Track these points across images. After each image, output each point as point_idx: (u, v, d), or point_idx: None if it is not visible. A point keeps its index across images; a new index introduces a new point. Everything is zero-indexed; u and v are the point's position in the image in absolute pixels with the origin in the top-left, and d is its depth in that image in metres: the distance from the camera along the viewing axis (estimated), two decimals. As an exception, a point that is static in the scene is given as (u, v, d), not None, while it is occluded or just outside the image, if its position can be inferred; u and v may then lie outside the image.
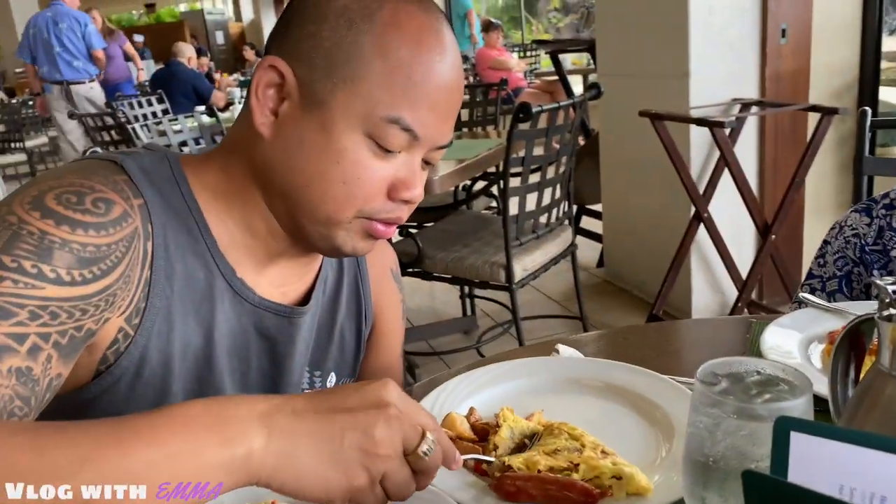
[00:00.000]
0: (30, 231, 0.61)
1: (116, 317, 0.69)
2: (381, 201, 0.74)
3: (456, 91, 0.74)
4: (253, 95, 0.73)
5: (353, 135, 0.71)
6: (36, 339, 0.59)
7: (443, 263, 2.50)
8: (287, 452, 0.54)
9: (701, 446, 0.51)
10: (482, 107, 3.93)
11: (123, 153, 0.75)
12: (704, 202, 2.82)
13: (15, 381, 0.57)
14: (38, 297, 0.60)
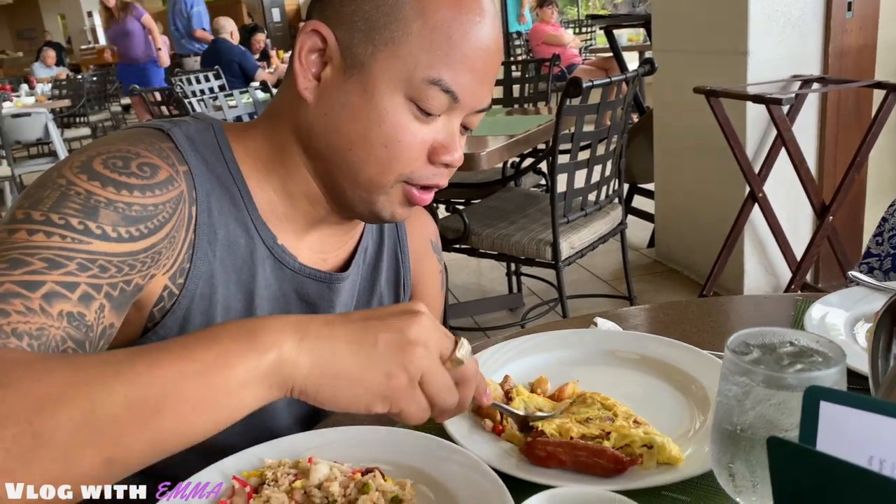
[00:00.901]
0: (76, 191, 0.64)
1: (161, 274, 0.71)
2: (422, 165, 0.75)
3: (495, 54, 0.74)
4: (296, 60, 0.74)
5: (394, 97, 0.72)
6: (87, 289, 0.61)
7: (489, 240, 2.50)
8: (321, 356, 0.54)
9: (729, 415, 0.51)
10: (534, 82, 3.89)
11: (171, 121, 0.77)
12: (759, 182, 2.75)
13: (66, 323, 0.59)
14: (86, 251, 0.62)
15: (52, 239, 0.61)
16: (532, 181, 3.51)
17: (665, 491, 0.64)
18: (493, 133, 2.64)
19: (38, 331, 0.57)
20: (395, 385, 0.56)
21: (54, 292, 0.59)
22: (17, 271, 0.58)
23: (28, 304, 0.57)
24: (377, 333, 0.56)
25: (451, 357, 0.58)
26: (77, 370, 0.50)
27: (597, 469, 0.64)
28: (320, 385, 0.55)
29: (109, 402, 0.49)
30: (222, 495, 0.65)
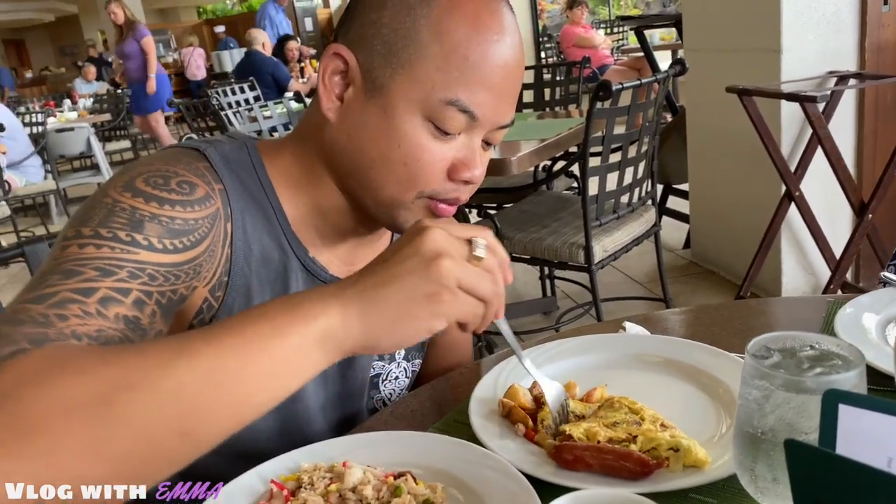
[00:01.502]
0: (122, 207, 0.68)
1: (202, 286, 0.74)
2: (442, 182, 0.76)
3: (514, 71, 0.75)
4: (320, 82, 0.77)
5: (412, 118, 0.73)
6: (139, 295, 0.65)
7: (521, 244, 2.51)
8: (365, 310, 0.57)
9: (750, 418, 0.52)
10: (564, 86, 3.89)
11: (206, 142, 0.80)
12: (796, 180, 2.71)
13: (123, 325, 0.62)
14: (135, 261, 0.65)
15: (101, 250, 0.64)
16: (564, 184, 3.51)
17: (692, 493, 0.65)
18: (524, 137, 2.65)
19: (97, 332, 0.59)
20: (440, 300, 0.58)
21: (109, 297, 0.62)
22: (71, 280, 0.61)
23: (85, 308, 0.60)
24: (400, 265, 0.58)
25: (470, 258, 0.60)
26: (145, 355, 0.53)
27: (623, 472, 0.65)
28: (378, 335, 0.58)
29: (178, 381, 0.52)
30: (261, 498, 0.68)
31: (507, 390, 0.81)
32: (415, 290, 0.58)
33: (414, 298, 0.58)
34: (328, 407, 0.88)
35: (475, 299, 0.60)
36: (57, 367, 0.51)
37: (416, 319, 0.58)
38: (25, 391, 0.49)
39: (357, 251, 0.88)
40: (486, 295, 0.60)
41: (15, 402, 0.49)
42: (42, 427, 0.48)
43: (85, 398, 0.49)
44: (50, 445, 0.48)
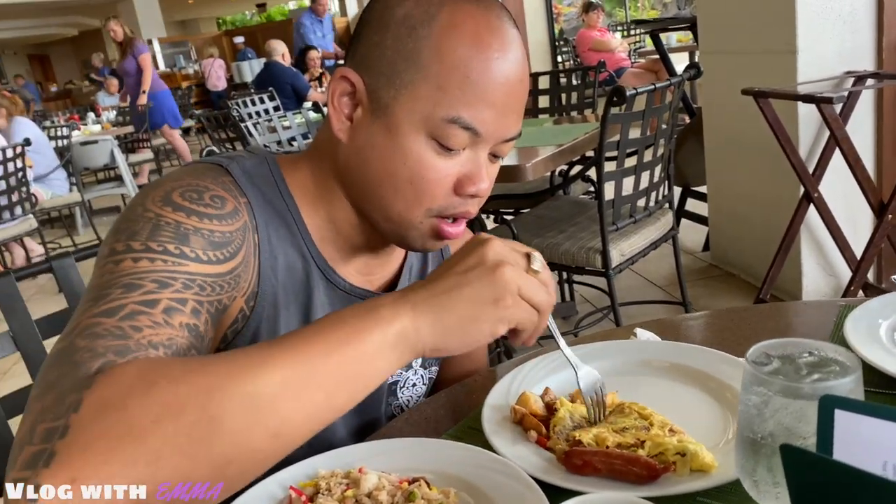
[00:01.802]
0: (166, 222, 0.71)
1: (240, 297, 0.77)
2: (448, 198, 0.78)
3: (517, 86, 0.77)
4: (330, 104, 0.79)
5: (416, 136, 0.75)
6: (194, 304, 0.68)
7: (538, 249, 2.52)
8: (436, 316, 0.62)
9: (750, 424, 0.53)
10: (580, 90, 3.90)
11: (228, 157, 0.83)
12: (814, 182, 2.70)
13: (188, 333, 0.65)
14: (185, 272, 0.68)
15: (155, 264, 0.67)
16: (581, 188, 3.52)
17: (700, 497, 0.66)
18: (540, 143, 2.67)
19: (169, 340, 0.63)
20: (504, 305, 0.63)
21: (171, 307, 0.65)
22: (135, 294, 0.64)
23: (153, 318, 0.63)
24: (467, 273, 0.64)
25: (528, 269, 0.66)
26: (231, 362, 0.57)
27: (631, 476, 0.67)
28: (446, 338, 0.63)
29: (267, 384, 0.56)
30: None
31: (519, 397, 0.82)
32: (481, 295, 0.63)
33: (481, 303, 0.63)
34: (348, 414, 0.90)
35: (532, 307, 0.65)
36: (153, 377, 0.54)
37: (483, 322, 0.64)
38: (129, 401, 0.52)
39: (372, 263, 0.90)
40: (542, 304, 0.66)
41: (120, 412, 0.52)
42: (147, 434, 0.51)
43: (183, 406, 0.53)
44: (156, 451, 0.51)
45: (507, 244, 0.67)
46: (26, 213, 4.61)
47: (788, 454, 0.46)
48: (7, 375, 2.87)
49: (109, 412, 0.52)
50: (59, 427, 0.52)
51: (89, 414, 0.52)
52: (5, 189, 4.37)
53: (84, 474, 0.49)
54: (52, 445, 0.51)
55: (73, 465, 0.50)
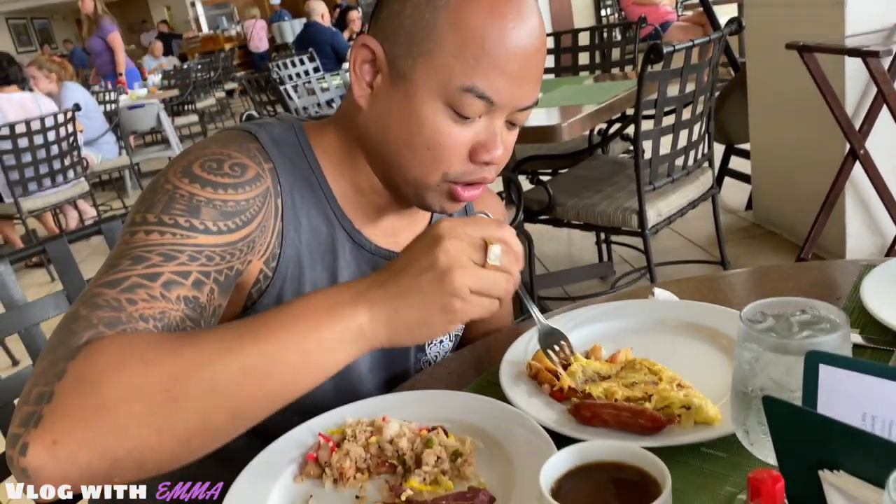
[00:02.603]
0: (181, 194, 0.75)
1: (257, 259, 0.82)
2: (463, 164, 0.81)
3: (533, 55, 0.78)
4: (352, 71, 0.83)
5: (433, 104, 0.78)
6: (198, 276, 0.73)
7: (574, 210, 2.53)
8: (389, 318, 0.66)
9: (744, 378, 0.56)
10: (621, 46, 3.83)
11: (257, 124, 0.87)
12: (861, 138, 2.63)
13: (184, 306, 0.71)
14: (193, 245, 0.73)
15: (164, 237, 0.72)
16: (622, 147, 3.48)
17: (704, 448, 0.70)
18: (577, 102, 2.65)
19: (161, 314, 0.68)
20: (452, 309, 0.66)
21: (171, 281, 0.70)
22: (140, 266, 0.69)
23: (150, 292, 0.68)
24: (418, 277, 0.66)
25: (485, 263, 0.66)
26: (198, 347, 0.62)
27: (636, 428, 0.70)
28: (400, 336, 0.67)
29: (229, 373, 0.61)
30: (310, 449, 0.76)
31: (535, 353, 0.86)
32: (431, 302, 0.66)
33: (430, 309, 0.66)
34: (375, 368, 0.95)
35: (487, 300, 0.67)
36: (126, 356, 0.61)
37: (432, 326, 0.67)
38: (103, 378, 0.59)
39: (398, 225, 0.94)
40: (499, 295, 0.68)
41: (94, 386, 0.59)
42: (116, 410, 0.58)
43: (151, 388, 0.59)
44: (123, 425, 0.58)
45: (464, 238, 0.66)
46: (78, 176, 4.76)
47: (770, 405, 0.49)
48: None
49: (85, 386, 0.59)
50: (46, 392, 0.59)
51: (69, 385, 0.59)
52: (58, 153, 4.52)
53: (63, 438, 0.57)
54: (41, 409, 0.58)
55: (55, 429, 0.57)
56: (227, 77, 10.00)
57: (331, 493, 0.72)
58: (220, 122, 9.73)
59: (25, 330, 1.03)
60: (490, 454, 0.73)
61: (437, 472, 0.70)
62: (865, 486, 0.44)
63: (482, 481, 0.70)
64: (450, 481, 0.70)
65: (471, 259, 0.66)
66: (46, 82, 5.59)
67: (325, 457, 0.74)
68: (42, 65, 5.67)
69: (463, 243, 0.66)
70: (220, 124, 9.64)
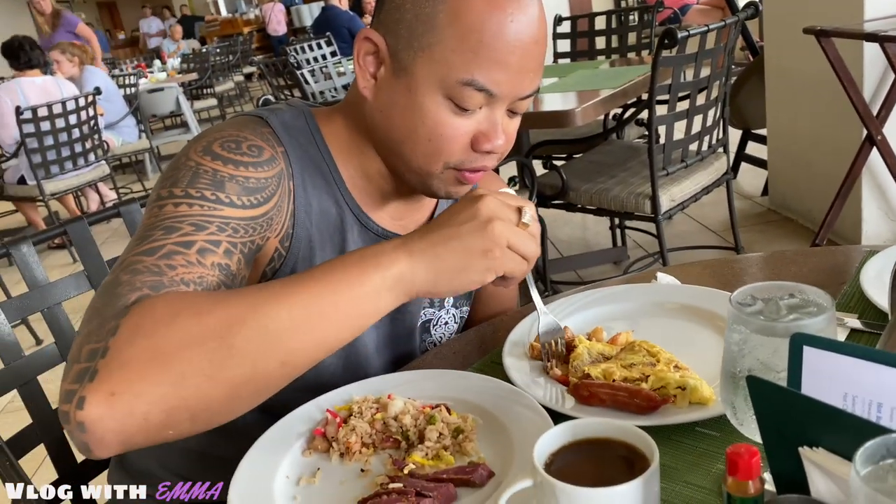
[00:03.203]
0: (205, 170, 0.78)
1: (273, 237, 0.85)
2: (465, 153, 0.83)
3: (532, 46, 0.79)
4: (356, 62, 0.84)
5: (434, 96, 0.79)
6: (227, 245, 0.76)
7: (587, 195, 2.54)
8: (430, 263, 0.69)
9: (732, 360, 0.58)
10: (637, 30, 3.81)
11: (269, 110, 0.90)
12: (878, 124, 2.61)
13: (218, 272, 0.74)
14: (220, 216, 0.76)
15: (193, 209, 0.75)
16: (637, 132, 3.47)
17: (698, 427, 0.72)
18: (592, 87, 2.65)
19: (199, 278, 0.71)
20: (493, 256, 0.70)
21: (205, 248, 0.73)
22: (174, 235, 0.72)
23: (188, 258, 0.71)
24: (461, 226, 0.70)
25: (519, 223, 0.71)
26: (247, 297, 0.65)
27: (632, 407, 0.72)
28: (438, 283, 0.70)
29: (279, 319, 0.63)
30: (318, 424, 0.79)
31: (538, 336, 0.88)
32: (472, 247, 0.69)
33: (471, 253, 0.70)
34: (381, 347, 0.98)
35: (520, 257, 0.72)
36: (179, 309, 0.63)
37: (472, 271, 0.70)
38: (157, 329, 0.61)
39: (404, 209, 0.96)
40: (529, 254, 0.72)
41: (149, 339, 0.61)
42: (172, 359, 0.60)
43: (205, 335, 0.61)
44: (180, 373, 0.60)
45: (501, 198, 0.71)
46: (99, 159, 4.83)
47: (754, 385, 0.51)
48: (87, 312, 3.12)
49: (140, 338, 0.60)
50: (100, 349, 0.61)
51: (124, 338, 0.61)
52: (79, 136, 4.58)
53: (120, 389, 0.59)
54: (95, 364, 0.60)
55: (112, 380, 0.59)
56: (246, 61, 10.04)
57: (337, 466, 0.75)
58: (238, 105, 9.77)
59: (48, 309, 1.07)
60: (491, 431, 0.76)
61: (438, 447, 0.73)
62: (841, 461, 0.46)
63: (482, 456, 0.72)
64: (451, 456, 0.72)
65: (510, 217, 0.71)
66: (69, 66, 5.65)
67: (333, 432, 0.77)
68: (65, 49, 5.72)
69: (501, 201, 0.71)
70: (239, 108, 9.69)
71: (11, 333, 1.01)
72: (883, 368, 0.48)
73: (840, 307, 0.88)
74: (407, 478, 0.69)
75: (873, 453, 0.39)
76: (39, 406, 1.04)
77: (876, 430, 0.43)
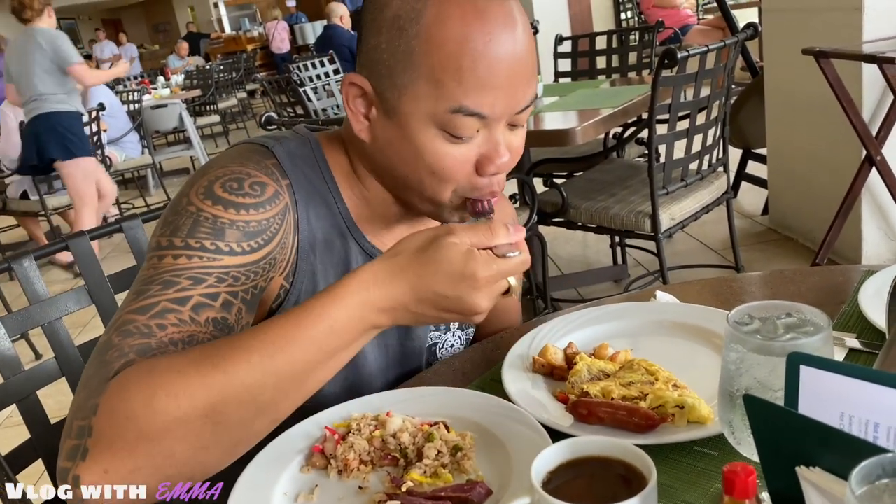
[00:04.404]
0: (205, 216, 0.78)
1: (278, 276, 0.85)
2: (471, 179, 0.81)
3: (517, 59, 0.76)
4: (346, 107, 0.84)
5: (426, 131, 0.78)
6: (226, 297, 0.75)
7: (587, 213, 2.55)
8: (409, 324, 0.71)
9: (730, 378, 0.58)
10: (638, 50, 3.83)
11: (274, 138, 0.89)
12: (877, 145, 2.62)
13: (212, 328, 0.73)
14: (220, 267, 0.76)
15: (192, 261, 0.75)
16: (637, 151, 3.49)
17: (696, 446, 0.72)
18: (592, 105, 2.66)
19: (189, 337, 0.71)
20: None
21: (200, 304, 0.73)
22: (170, 291, 0.72)
23: (180, 316, 0.71)
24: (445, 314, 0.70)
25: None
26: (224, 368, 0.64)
27: (631, 426, 0.72)
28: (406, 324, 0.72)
29: (262, 389, 0.65)
30: (316, 441, 0.79)
31: (541, 349, 0.89)
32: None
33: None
34: (388, 370, 0.98)
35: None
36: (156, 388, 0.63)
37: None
38: (135, 411, 0.62)
39: (408, 233, 0.96)
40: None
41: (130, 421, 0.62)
42: (159, 438, 0.62)
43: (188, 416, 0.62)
44: (169, 450, 0.62)
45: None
46: (102, 174, 4.84)
47: (751, 404, 0.51)
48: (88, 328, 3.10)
49: (120, 421, 0.62)
50: (86, 427, 0.62)
51: (104, 419, 0.62)
52: (83, 152, 4.59)
53: (113, 467, 0.61)
54: (84, 442, 0.62)
55: (103, 459, 0.61)
56: (249, 78, 10.10)
57: (335, 483, 0.75)
58: (241, 122, 9.82)
59: (48, 324, 1.07)
60: (489, 449, 0.76)
61: (437, 465, 0.73)
62: (838, 481, 0.46)
63: (480, 474, 0.72)
64: (449, 474, 0.72)
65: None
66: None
67: (331, 449, 0.76)
68: None
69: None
70: (242, 125, 9.73)
71: (11, 348, 1.01)
72: (880, 388, 0.49)
73: (838, 327, 0.88)
74: (405, 495, 0.69)
75: (869, 473, 0.39)
76: (38, 421, 1.04)
77: (872, 450, 0.43)
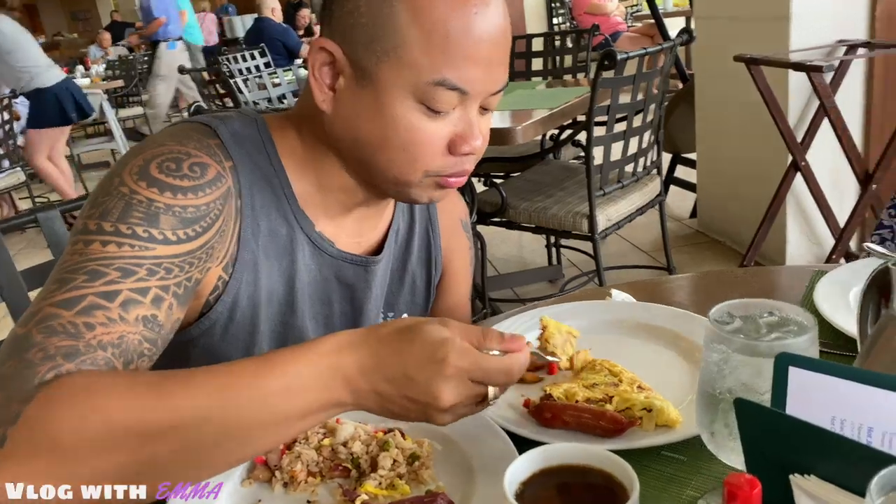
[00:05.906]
0: (139, 200, 0.70)
1: (216, 266, 0.78)
2: (443, 158, 0.77)
3: (500, 39, 0.75)
4: (311, 76, 0.78)
5: (404, 102, 0.74)
6: (157, 292, 0.68)
7: (526, 213, 2.54)
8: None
9: (711, 380, 0.55)
10: (573, 53, 3.87)
11: (218, 118, 0.82)
12: (802, 150, 2.71)
13: (142, 327, 0.66)
14: (152, 257, 0.69)
15: (122, 249, 0.67)
16: (573, 153, 3.51)
17: (664, 451, 0.69)
18: (531, 106, 2.66)
19: (119, 339, 0.64)
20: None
21: (130, 299, 0.66)
22: (97, 283, 0.65)
23: (109, 314, 0.64)
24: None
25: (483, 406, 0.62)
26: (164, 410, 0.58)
27: (598, 430, 0.69)
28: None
29: (201, 439, 0.58)
30: (259, 451, 0.72)
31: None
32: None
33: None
34: None
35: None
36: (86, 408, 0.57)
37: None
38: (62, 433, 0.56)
39: (363, 224, 0.90)
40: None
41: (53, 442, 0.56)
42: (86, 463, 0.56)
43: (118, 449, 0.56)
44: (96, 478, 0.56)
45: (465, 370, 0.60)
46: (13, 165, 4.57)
47: (742, 407, 0.48)
48: (-5, 328, 2.91)
49: (42, 440, 0.56)
50: (1, 435, 0.56)
51: (25, 432, 0.56)
52: (-8, 141, 4.33)
53: (23, 480, 0.55)
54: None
55: (12, 473, 0.55)
56: (174, 69, 9.72)
57: (281, 497, 0.69)
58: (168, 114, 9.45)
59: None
60: (448, 457, 0.71)
61: (393, 475, 0.68)
62: (838, 491, 0.44)
63: (440, 485, 0.68)
64: (406, 485, 0.67)
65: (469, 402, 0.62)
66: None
67: (275, 460, 0.70)
68: None
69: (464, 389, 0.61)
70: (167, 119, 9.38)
71: None
72: (874, 391, 0.46)
73: (794, 327, 0.88)
74: (359, 509, 0.64)
75: (888, 482, 0.37)
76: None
77: (876, 456, 0.41)
